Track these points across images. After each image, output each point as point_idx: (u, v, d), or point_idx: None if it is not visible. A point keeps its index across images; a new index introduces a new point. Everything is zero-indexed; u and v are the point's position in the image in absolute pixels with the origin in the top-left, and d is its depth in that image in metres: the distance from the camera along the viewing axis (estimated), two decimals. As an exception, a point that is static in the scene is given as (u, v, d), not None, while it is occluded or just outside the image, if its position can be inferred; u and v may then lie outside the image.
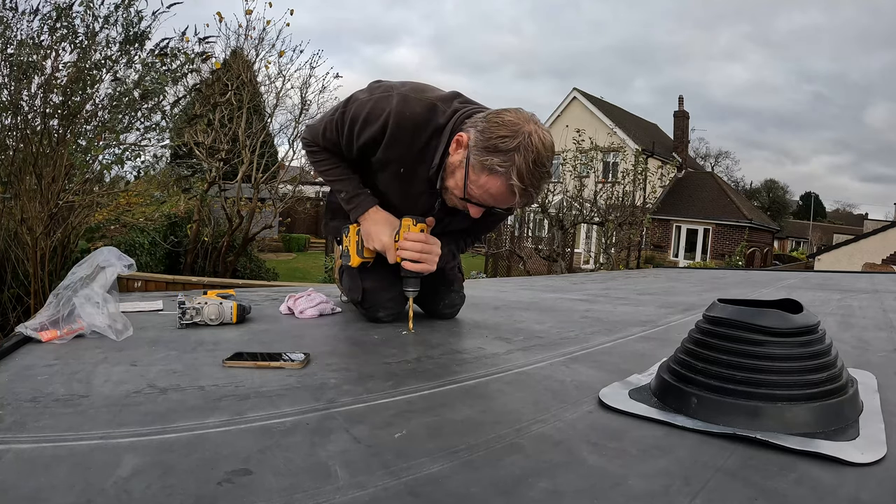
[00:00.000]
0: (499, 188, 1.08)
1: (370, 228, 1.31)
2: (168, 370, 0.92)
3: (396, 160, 1.23)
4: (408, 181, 1.27)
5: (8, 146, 3.01)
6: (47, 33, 2.93)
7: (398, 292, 1.35)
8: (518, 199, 1.09)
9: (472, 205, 1.15)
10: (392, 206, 1.33)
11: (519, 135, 1.05)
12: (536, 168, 1.05)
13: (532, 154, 1.04)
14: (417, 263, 1.24)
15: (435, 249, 1.27)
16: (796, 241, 34.75)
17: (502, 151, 1.05)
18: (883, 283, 3.48)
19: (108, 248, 1.25)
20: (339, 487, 0.52)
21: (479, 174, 1.09)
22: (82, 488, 0.51)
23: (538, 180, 1.07)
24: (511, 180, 1.05)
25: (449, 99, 1.21)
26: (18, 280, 3.25)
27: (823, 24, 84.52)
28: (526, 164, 1.04)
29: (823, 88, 79.31)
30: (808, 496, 0.52)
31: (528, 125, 1.07)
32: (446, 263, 1.43)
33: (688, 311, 1.85)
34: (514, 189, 1.06)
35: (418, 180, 1.26)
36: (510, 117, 1.08)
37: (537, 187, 1.07)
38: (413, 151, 1.20)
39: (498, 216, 1.30)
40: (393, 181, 1.29)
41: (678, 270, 6.06)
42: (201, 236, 5.95)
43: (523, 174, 1.05)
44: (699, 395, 0.71)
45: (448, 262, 1.44)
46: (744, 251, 14.79)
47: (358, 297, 1.42)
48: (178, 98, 3.90)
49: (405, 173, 1.25)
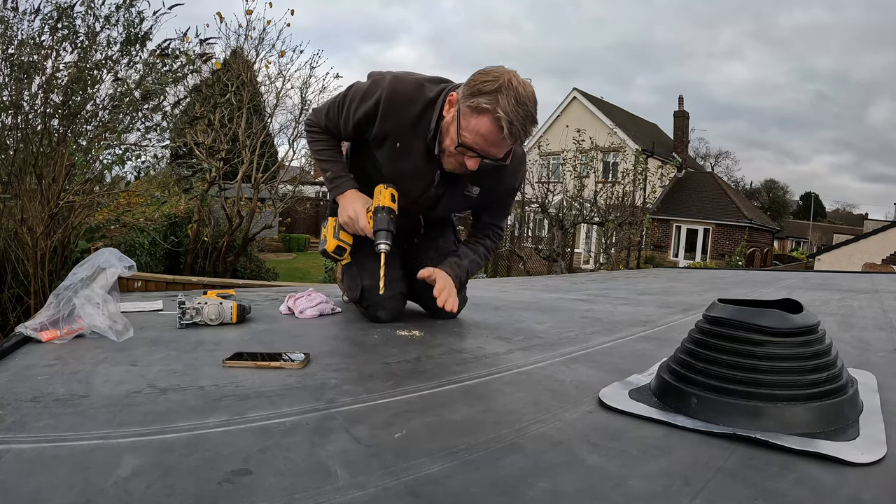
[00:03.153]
0: (487, 126, 1.14)
1: (345, 203, 1.36)
2: (168, 370, 0.92)
3: (392, 134, 1.29)
4: (405, 157, 1.32)
5: (8, 146, 3.01)
6: (48, 33, 2.93)
7: (398, 291, 1.39)
8: (507, 134, 1.13)
9: (469, 157, 1.20)
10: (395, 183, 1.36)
11: (500, 79, 1.13)
12: (520, 106, 1.12)
13: (513, 93, 1.12)
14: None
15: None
16: (796, 241, 34.74)
17: (486, 93, 1.12)
18: (883, 283, 3.48)
19: (108, 250, 1.25)
20: (339, 487, 0.52)
21: (469, 118, 1.16)
22: (82, 488, 0.51)
23: (523, 118, 1.13)
24: (497, 113, 1.11)
25: (436, 80, 1.31)
26: (18, 280, 3.25)
27: (826, 22, 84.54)
28: (508, 101, 1.11)
29: (825, 87, 79.33)
30: (808, 496, 0.52)
31: (508, 73, 1.15)
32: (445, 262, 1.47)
33: (688, 311, 1.85)
34: (500, 123, 1.12)
35: (415, 154, 1.30)
36: (491, 68, 1.18)
37: (523, 125, 1.13)
38: (406, 124, 1.27)
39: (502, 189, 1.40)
40: (391, 159, 1.34)
41: (678, 270, 6.06)
42: (201, 236, 5.95)
43: (508, 109, 1.11)
44: (699, 395, 0.71)
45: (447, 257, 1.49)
46: (744, 251, 14.79)
47: (357, 295, 1.43)
48: (179, 99, 3.90)
49: (401, 148, 1.30)
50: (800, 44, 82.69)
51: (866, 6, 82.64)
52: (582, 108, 17.21)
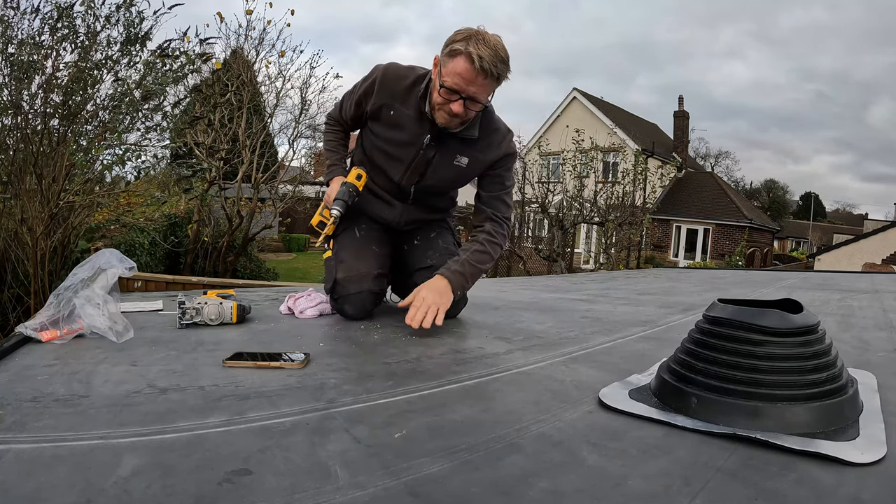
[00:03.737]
0: (462, 64, 1.25)
1: (331, 185, 1.56)
2: (168, 370, 0.92)
3: (386, 104, 1.44)
4: (397, 123, 1.44)
5: (8, 146, 3.01)
6: (48, 33, 2.93)
7: (367, 289, 1.44)
8: (478, 69, 1.23)
9: (453, 101, 1.30)
10: (391, 156, 1.49)
11: (469, 31, 1.28)
12: (488, 47, 1.24)
13: (481, 38, 1.25)
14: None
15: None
16: (796, 241, 34.73)
17: (459, 41, 1.27)
18: (883, 283, 3.48)
19: (109, 250, 1.25)
20: (339, 487, 0.52)
21: (447, 64, 1.28)
22: (82, 488, 0.51)
23: (493, 56, 1.24)
24: (469, 49, 1.24)
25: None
26: (18, 280, 3.25)
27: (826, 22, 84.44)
28: (478, 44, 1.24)
29: (825, 87, 79.19)
30: (808, 496, 0.52)
31: (476, 28, 1.29)
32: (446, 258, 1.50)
33: (688, 311, 1.85)
34: (472, 59, 1.23)
35: (407, 120, 1.43)
36: (462, 28, 1.31)
37: (493, 62, 1.24)
38: (398, 93, 1.42)
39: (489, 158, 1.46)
40: (385, 127, 1.47)
41: (678, 270, 6.06)
42: (201, 236, 5.95)
43: (477, 49, 1.24)
44: (699, 395, 0.71)
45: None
46: (744, 251, 14.78)
47: (329, 286, 1.48)
48: (180, 99, 3.90)
49: (395, 115, 1.44)
50: (800, 43, 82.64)
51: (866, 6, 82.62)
52: (582, 108, 17.20)
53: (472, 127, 1.41)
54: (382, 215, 1.57)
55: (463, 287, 1.42)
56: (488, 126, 1.45)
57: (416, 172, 1.48)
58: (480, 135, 1.43)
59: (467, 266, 1.41)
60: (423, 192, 1.53)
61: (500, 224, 1.52)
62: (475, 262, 1.44)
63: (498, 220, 1.51)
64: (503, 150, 1.48)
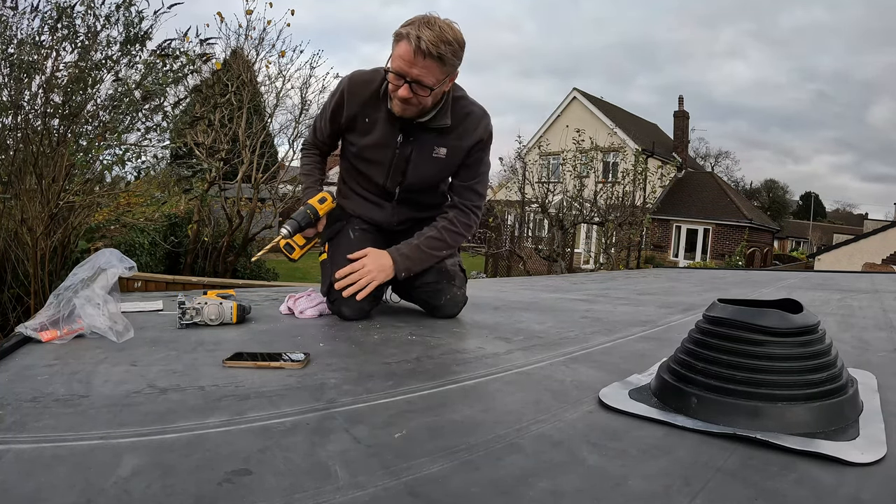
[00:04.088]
0: (402, 47, 1.28)
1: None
2: (168, 370, 0.92)
3: (358, 112, 1.45)
4: (372, 128, 1.45)
5: (8, 146, 3.01)
6: (48, 33, 2.93)
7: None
8: (415, 49, 1.25)
9: (401, 85, 1.31)
10: (370, 161, 1.50)
11: (417, 17, 1.31)
12: (430, 28, 1.26)
13: (425, 20, 1.28)
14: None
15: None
16: (796, 241, 34.72)
17: (404, 26, 1.30)
18: (883, 283, 3.48)
19: (109, 250, 1.25)
20: (339, 487, 0.52)
21: (393, 49, 1.31)
22: (82, 488, 0.51)
23: (436, 39, 1.25)
24: (409, 32, 1.26)
25: None
26: (18, 280, 3.25)
27: (827, 21, 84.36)
28: (420, 26, 1.27)
29: (826, 87, 79.14)
30: (808, 496, 0.52)
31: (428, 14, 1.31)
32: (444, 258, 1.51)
33: (688, 311, 1.85)
34: (410, 40, 1.25)
35: (380, 123, 1.44)
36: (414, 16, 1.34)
37: (434, 42, 1.25)
38: (368, 98, 1.43)
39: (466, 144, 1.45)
40: (361, 135, 1.48)
41: (678, 270, 6.06)
42: (201, 236, 5.95)
43: (420, 32, 1.26)
44: (699, 395, 0.71)
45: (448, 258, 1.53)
46: (744, 251, 14.78)
47: (325, 289, 1.48)
48: (180, 99, 3.90)
49: (369, 122, 1.45)
50: (800, 43, 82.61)
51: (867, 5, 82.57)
52: (582, 108, 17.20)
53: (443, 116, 1.41)
54: (374, 217, 1.58)
55: (408, 270, 1.45)
56: (461, 111, 1.44)
57: (398, 172, 1.48)
58: (454, 122, 1.43)
59: (416, 251, 1.45)
60: (409, 190, 1.53)
61: (465, 213, 1.53)
62: (427, 247, 1.47)
63: (464, 209, 1.52)
64: (480, 133, 1.47)
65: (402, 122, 1.40)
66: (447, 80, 1.34)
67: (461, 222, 1.52)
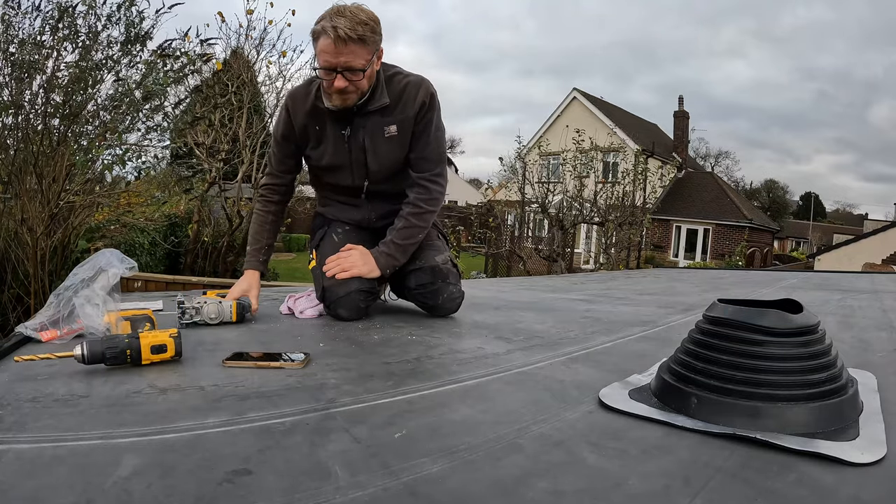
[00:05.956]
0: (322, 41, 1.30)
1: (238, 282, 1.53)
2: (168, 370, 0.92)
3: (307, 123, 1.48)
4: (322, 133, 1.49)
5: (9, 146, 3.01)
6: (49, 33, 2.93)
7: (355, 289, 1.43)
8: (335, 38, 1.27)
9: (333, 78, 1.33)
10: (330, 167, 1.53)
11: (326, 10, 1.32)
12: (345, 18, 1.28)
13: (338, 10, 1.30)
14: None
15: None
16: (796, 241, 34.71)
17: (317, 23, 1.32)
18: (883, 283, 3.47)
19: (109, 251, 1.25)
20: (339, 487, 0.52)
21: (315, 47, 1.33)
22: (82, 488, 0.51)
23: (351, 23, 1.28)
24: (323, 25, 1.29)
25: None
26: (18, 280, 3.25)
27: (829, 20, 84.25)
28: (330, 17, 1.29)
29: (827, 86, 79.12)
30: (808, 496, 0.52)
31: (335, 5, 1.33)
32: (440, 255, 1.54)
33: (688, 311, 1.85)
34: (327, 31, 1.28)
35: (327, 125, 1.47)
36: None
37: (350, 27, 1.28)
38: (310, 107, 1.46)
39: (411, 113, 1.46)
40: (314, 144, 1.51)
41: (678, 270, 6.06)
42: (201, 236, 5.95)
43: (334, 21, 1.28)
44: (699, 395, 0.71)
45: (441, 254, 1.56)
46: (744, 251, 14.77)
47: (320, 294, 1.48)
48: (180, 99, 3.90)
49: (319, 130, 1.48)
50: (802, 42, 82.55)
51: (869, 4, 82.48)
52: (582, 108, 17.20)
53: (380, 95, 1.43)
54: (353, 218, 1.60)
55: (393, 266, 1.49)
56: (398, 85, 1.46)
57: (360, 165, 1.50)
58: (394, 97, 1.44)
59: (393, 247, 1.48)
60: (376, 181, 1.54)
61: (425, 189, 1.52)
62: (402, 239, 1.49)
63: (424, 183, 1.52)
64: (422, 96, 1.46)
65: (345, 115, 1.43)
66: (374, 59, 1.36)
67: (424, 200, 1.51)
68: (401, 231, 1.50)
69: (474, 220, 13.22)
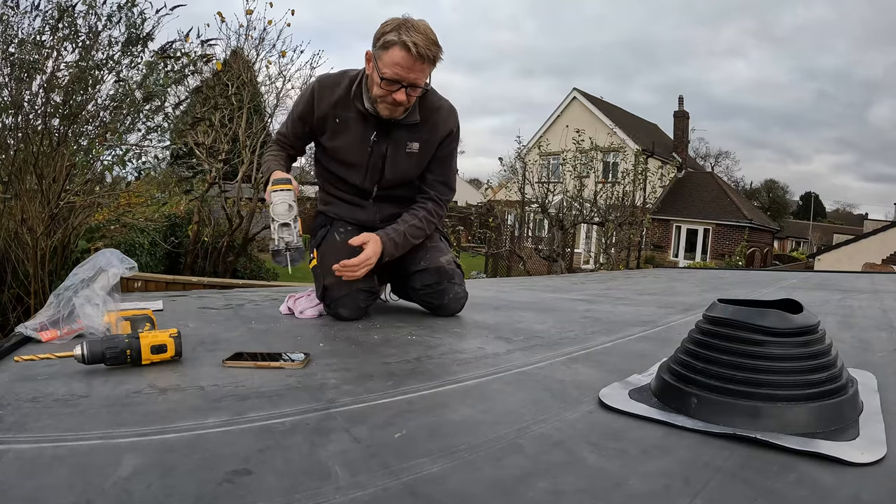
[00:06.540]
0: (399, 53, 1.29)
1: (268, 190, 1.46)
2: (168, 370, 0.92)
3: (328, 113, 1.47)
4: (343, 128, 1.48)
5: (9, 146, 3.01)
6: (49, 32, 2.93)
7: (356, 288, 1.43)
8: (416, 55, 1.28)
9: (395, 91, 1.34)
10: (345, 163, 1.52)
11: (397, 20, 1.33)
12: (419, 33, 1.29)
13: (411, 25, 1.30)
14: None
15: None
16: (796, 241, 34.70)
17: (390, 32, 1.31)
18: (883, 283, 3.47)
19: (109, 251, 1.25)
20: (339, 487, 0.52)
21: (383, 56, 1.32)
22: (82, 488, 0.51)
23: (426, 41, 1.29)
24: (402, 38, 1.28)
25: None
26: (18, 280, 3.25)
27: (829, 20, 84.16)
28: (409, 31, 1.29)
29: (828, 86, 79.06)
30: (808, 496, 0.52)
31: (402, 18, 1.33)
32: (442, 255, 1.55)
33: (688, 311, 1.85)
34: (408, 46, 1.27)
35: (351, 122, 1.46)
36: (388, 19, 1.35)
37: (427, 47, 1.29)
38: (337, 99, 1.46)
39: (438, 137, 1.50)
40: (332, 137, 1.50)
41: (678, 270, 6.06)
42: (201, 237, 5.95)
43: (412, 37, 1.28)
44: (699, 395, 0.71)
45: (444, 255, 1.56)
46: (744, 251, 14.77)
47: (320, 293, 1.48)
48: (181, 100, 3.90)
49: (340, 122, 1.47)
50: (802, 42, 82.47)
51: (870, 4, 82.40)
52: (582, 108, 17.19)
53: (412, 112, 1.45)
54: (357, 217, 1.60)
55: (392, 255, 1.49)
56: (430, 107, 1.49)
57: (376, 170, 1.51)
58: (423, 116, 1.47)
59: (402, 238, 1.49)
60: (386, 187, 1.55)
61: (440, 206, 1.59)
62: (411, 235, 1.51)
63: (439, 201, 1.59)
64: (451, 124, 1.52)
65: (376, 120, 1.44)
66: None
67: (437, 214, 1.58)
68: (412, 227, 1.51)
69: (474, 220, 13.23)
